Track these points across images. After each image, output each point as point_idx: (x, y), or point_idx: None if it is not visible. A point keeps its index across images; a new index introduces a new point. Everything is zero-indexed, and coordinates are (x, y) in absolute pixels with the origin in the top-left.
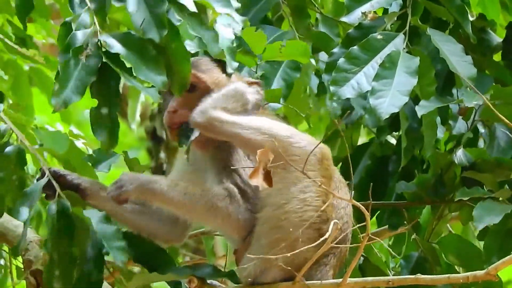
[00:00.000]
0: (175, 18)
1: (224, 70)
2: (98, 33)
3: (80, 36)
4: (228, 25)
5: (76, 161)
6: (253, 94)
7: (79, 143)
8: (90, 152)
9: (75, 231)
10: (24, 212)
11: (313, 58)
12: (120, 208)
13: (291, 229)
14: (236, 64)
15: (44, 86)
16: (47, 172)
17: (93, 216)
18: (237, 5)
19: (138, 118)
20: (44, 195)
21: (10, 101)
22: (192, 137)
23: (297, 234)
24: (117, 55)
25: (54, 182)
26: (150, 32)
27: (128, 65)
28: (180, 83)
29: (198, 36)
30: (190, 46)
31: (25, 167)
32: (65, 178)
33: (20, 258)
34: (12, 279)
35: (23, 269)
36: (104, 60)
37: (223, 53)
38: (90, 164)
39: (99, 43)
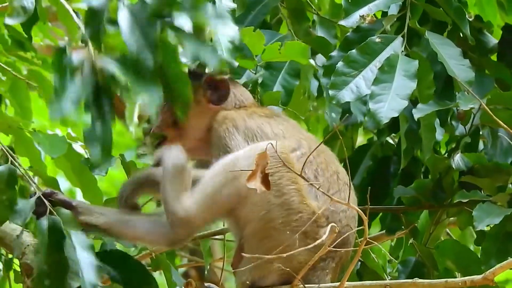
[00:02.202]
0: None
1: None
2: (93, 56)
3: (75, 58)
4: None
5: (74, 164)
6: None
7: (77, 146)
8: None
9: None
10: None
11: (313, 60)
12: (115, 222)
13: (281, 236)
14: (236, 64)
15: (42, 88)
16: (36, 190)
17: (78, 241)
18: (232, 5)
19: (136, 120)
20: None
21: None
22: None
23: (287, 241)
24: (112, 76)
25: (45, 200)
26: (145, 59)
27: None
28: (182, 106)
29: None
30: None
31: (16, 187)
32: (57, 196)
33: (18, 262)
34: (10, 283)
35: (20, 273)
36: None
37: (224, 62)
38: (88, 168)
39: (94, 65)
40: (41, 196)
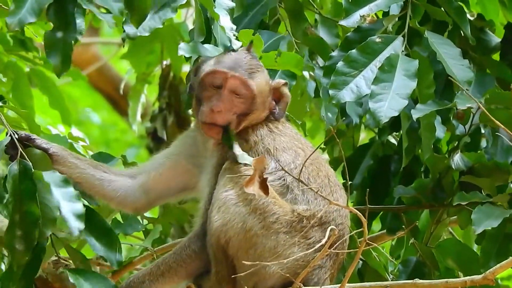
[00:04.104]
0: None
1: None
2: None
3: None
4: (226, 14)
5: None
6: None
7: (78, 146)
8: (90, 154)
9: (36, 192)
10: None
11: (311, 64)
12: (87, 176)
13: (266, 240)
14: (239, 43)
15: (45, 87)
16: (10, 132)
17: (52, 179)
18: (231, 4)
19: (139, 118)
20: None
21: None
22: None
23: (275, 244)
24: None
25: (17, 142)
26: None
27: None
28: (138, 16)
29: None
30: (183, 50)
31: None
32: (34, 141)
33: None
34: None
35: None
36: None
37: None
38: None
39: None
40: (15, 138)
